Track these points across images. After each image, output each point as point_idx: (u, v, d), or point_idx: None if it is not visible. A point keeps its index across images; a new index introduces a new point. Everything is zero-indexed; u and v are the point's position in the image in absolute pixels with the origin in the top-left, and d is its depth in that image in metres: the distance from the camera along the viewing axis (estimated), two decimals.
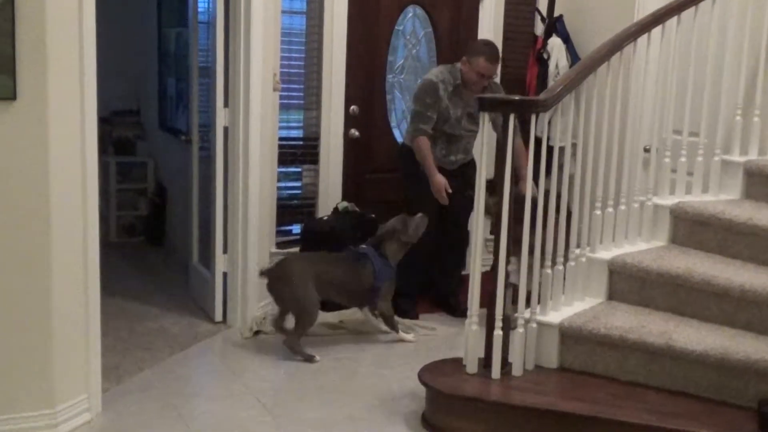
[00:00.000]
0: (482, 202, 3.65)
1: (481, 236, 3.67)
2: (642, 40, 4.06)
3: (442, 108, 4.89)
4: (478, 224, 3.66)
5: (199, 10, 5.02)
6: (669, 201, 4.25)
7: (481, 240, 3.69)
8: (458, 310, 4.88)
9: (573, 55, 5.76)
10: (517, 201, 3.76)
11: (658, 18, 4.09)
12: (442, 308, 5.17)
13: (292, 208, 5.66)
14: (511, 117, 3.49)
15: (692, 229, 4.16)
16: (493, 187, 4.45)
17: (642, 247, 4.18)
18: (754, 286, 3.62)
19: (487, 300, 3.66)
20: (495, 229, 3.61)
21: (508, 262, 3.63)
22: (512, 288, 3.78)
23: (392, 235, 4.61)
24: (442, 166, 4.96)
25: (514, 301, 3.80)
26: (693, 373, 3.52)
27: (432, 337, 4.76)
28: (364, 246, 4.62)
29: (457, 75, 4.93)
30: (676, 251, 4.11)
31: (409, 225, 4.63)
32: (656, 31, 4.10)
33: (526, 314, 3.74)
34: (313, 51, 5.53)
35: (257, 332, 4.63)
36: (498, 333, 3.63)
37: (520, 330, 3.69)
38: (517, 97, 3.84)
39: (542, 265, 3.77)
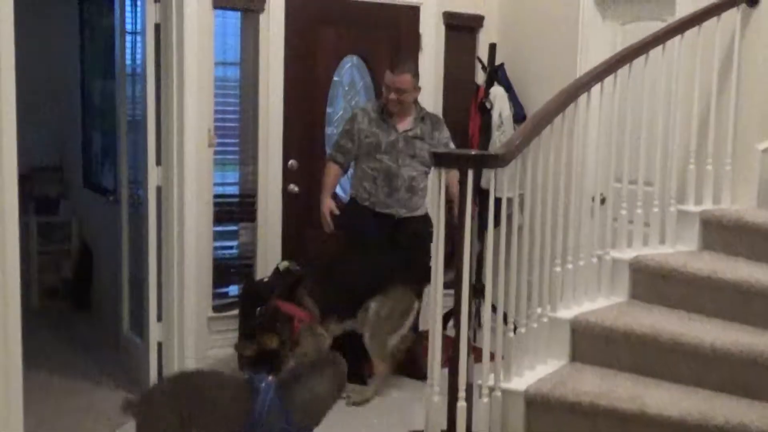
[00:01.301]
0: (439, 260, 3.42)
1: (440, 298, 3.44)
2: (595, 89, 3.93)
3: (367, 134, 4.74)
4: (437, 285, 3.43)
5: (127, 60, 4.72)
6: (627, 254, 4.10)
7: (441, 302, 3.45)
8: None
9: (516, 104, 5.64)
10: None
11: (610, 67, 3.97)
12: (401, 372, 4.88)
13: (228, 269, 5.36)
14: (470, 173, 3.29)
15: (653, 283, 4.00)
16: None
17: (602, 303, 4.00)
18: (726, 344, 3.47)
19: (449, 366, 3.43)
20: (456, 289, 3.38)
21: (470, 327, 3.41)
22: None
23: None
24: (386, 211, 4.73)
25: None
26: None
27: (385, 403, 4.47)
28: (267, 376, 3.31)
29: (380, 102, 4.87)
30: (638, 307, 3.94)
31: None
32: (608, 80, 3.98)
33: (490, 381, 3.50)
34: (248, 103, 5.28)
35: None
36: (462, 404, 3.39)
37: (485, 400, 3.46)
38: (473, 152, 3.66)
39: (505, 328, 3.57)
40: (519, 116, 5.64)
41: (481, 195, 3.96)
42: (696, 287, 3.85)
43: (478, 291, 4.33)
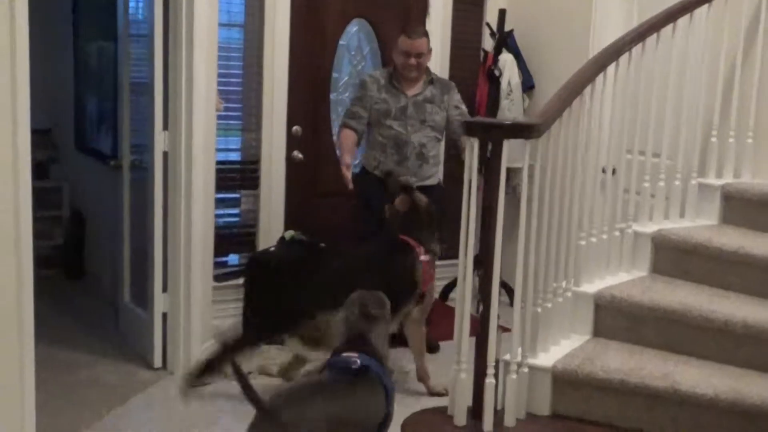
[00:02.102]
0: (469, 232, 3.31)
1: (470, 272, 3.33)
2: (623, 59, 3.82)
3: (377, 101, 4.58)
4: (467, 256, 3.32)
5: (131, 21, 4.52)
6: (649, 228, 4.02)
7: (470, 276, 3.35)
8: (433, 347, 4.57)
9: (524, 72, 5.51)
10: None
11: (639, 36, 3.86)
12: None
13: (229, 238, 5.20)
14: (505, 144, 3.17)
15: (676, 257, 3.93)
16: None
17: (624, 278, 3.93)
18: (758, 321, 3.41)
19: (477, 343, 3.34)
20: (485, 262, 3.28)
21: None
22: None
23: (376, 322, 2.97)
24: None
25: None
26: (701, 418, 3.26)
27: (401, 377, 4.34)
28: (353, 354, 2.82)
29: (390, 68, 4.71)
30: (660, 282, 3.87)
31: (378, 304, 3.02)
32: (636, 50, 3.87)
33: (518, 357, 3.41)
34: (252, 67, 5.11)
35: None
36: (490, 381, 3.30)
37: (513, 376, 3.37)
38: (507, 121, 3.54)
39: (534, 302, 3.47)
40: (527, 85, 5.53)
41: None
42: (722, 262, 3.78)
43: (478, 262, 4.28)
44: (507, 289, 4.04)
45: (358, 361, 2.76)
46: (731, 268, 3.75)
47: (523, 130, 3.19)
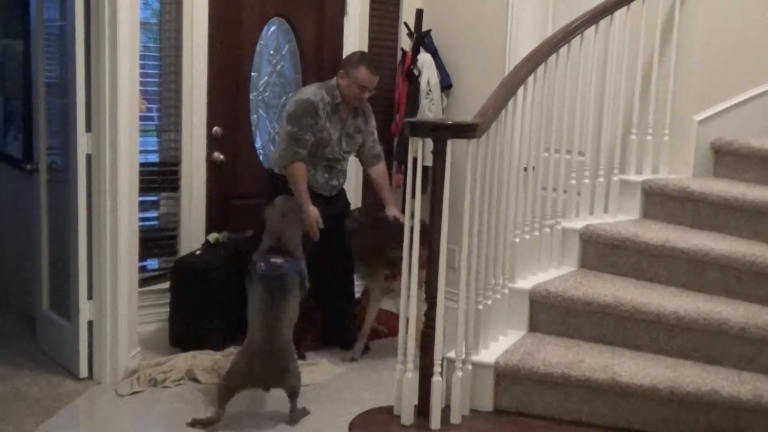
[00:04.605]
0: (415, 234, 3.33)
1: (416, 270, 3.35)
2: (551, 60, 3.91)
3: (322, 129, 4.49)
4: (411, 260, 3.34)
5: (46, 17, 4.33)
6: (577, 224, 4.13)
7: (416, 275, 3.37)
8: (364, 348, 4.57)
9: (442, 71, 5.57)
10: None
11: (566, 36, 3.96)
12: (336, 345, 4.74)
13: (148, 241, 5.06)
14: (449, 143, 3.20)
15: (604, 252, 4.06)
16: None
17: (554, 273, 4.03)
18: (689, 312, 3.55)
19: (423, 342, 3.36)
20: (429, 264, 3.30)
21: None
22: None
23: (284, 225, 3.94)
24: (322, 192, 4.62)
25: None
26: (640, 407, 3.38)
27: (331, 378, 4.33)
28: (278, 260, 3.78)
29: (335, 93, 4.52)
30: (591, 277, 3.98)
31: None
32: (563, 50, 3.97)
33: (462, 355, 3.45)
34: (170, 67, 4.99)
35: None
36: (437, 380, 3.32)
37: (459, 374, 3.40)
38: (450, 122, 3.58)
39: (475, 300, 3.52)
40: (444, 84, 5.59)
41: None
42: (648, 256, 3.92)
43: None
44: None
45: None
46: (658, 261, 3.90)
47: (466, 130, 3.23)
